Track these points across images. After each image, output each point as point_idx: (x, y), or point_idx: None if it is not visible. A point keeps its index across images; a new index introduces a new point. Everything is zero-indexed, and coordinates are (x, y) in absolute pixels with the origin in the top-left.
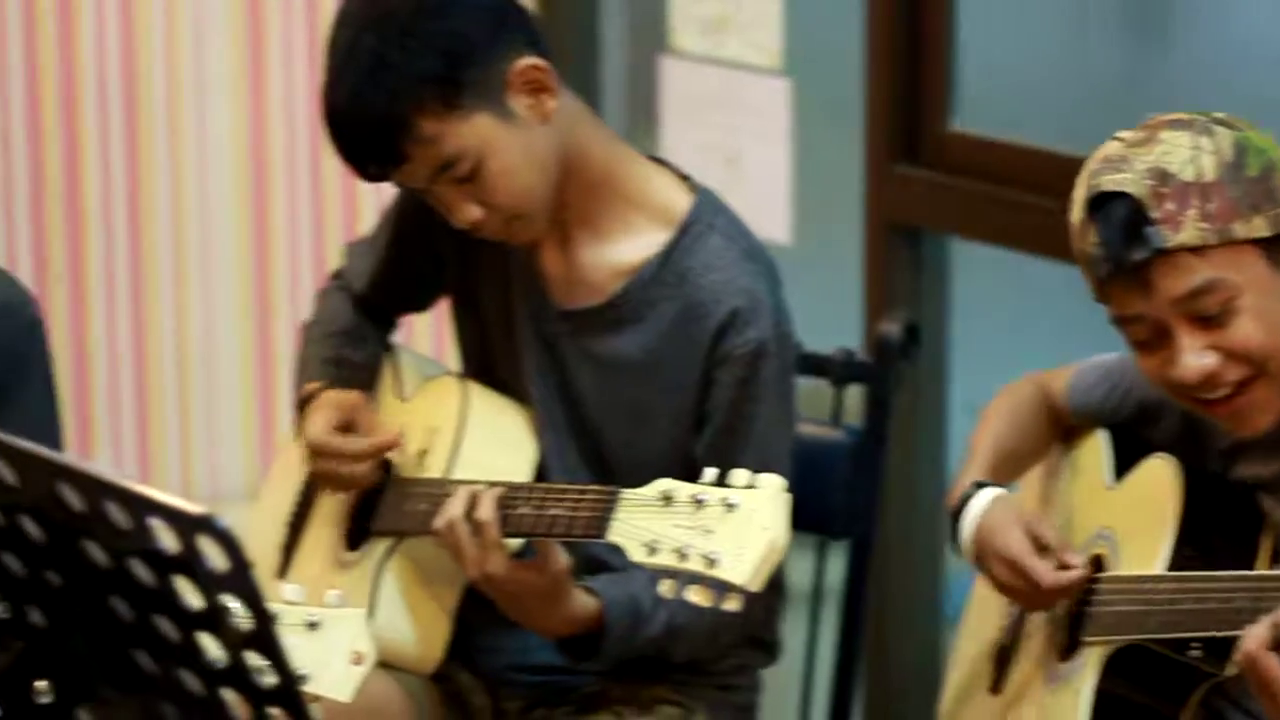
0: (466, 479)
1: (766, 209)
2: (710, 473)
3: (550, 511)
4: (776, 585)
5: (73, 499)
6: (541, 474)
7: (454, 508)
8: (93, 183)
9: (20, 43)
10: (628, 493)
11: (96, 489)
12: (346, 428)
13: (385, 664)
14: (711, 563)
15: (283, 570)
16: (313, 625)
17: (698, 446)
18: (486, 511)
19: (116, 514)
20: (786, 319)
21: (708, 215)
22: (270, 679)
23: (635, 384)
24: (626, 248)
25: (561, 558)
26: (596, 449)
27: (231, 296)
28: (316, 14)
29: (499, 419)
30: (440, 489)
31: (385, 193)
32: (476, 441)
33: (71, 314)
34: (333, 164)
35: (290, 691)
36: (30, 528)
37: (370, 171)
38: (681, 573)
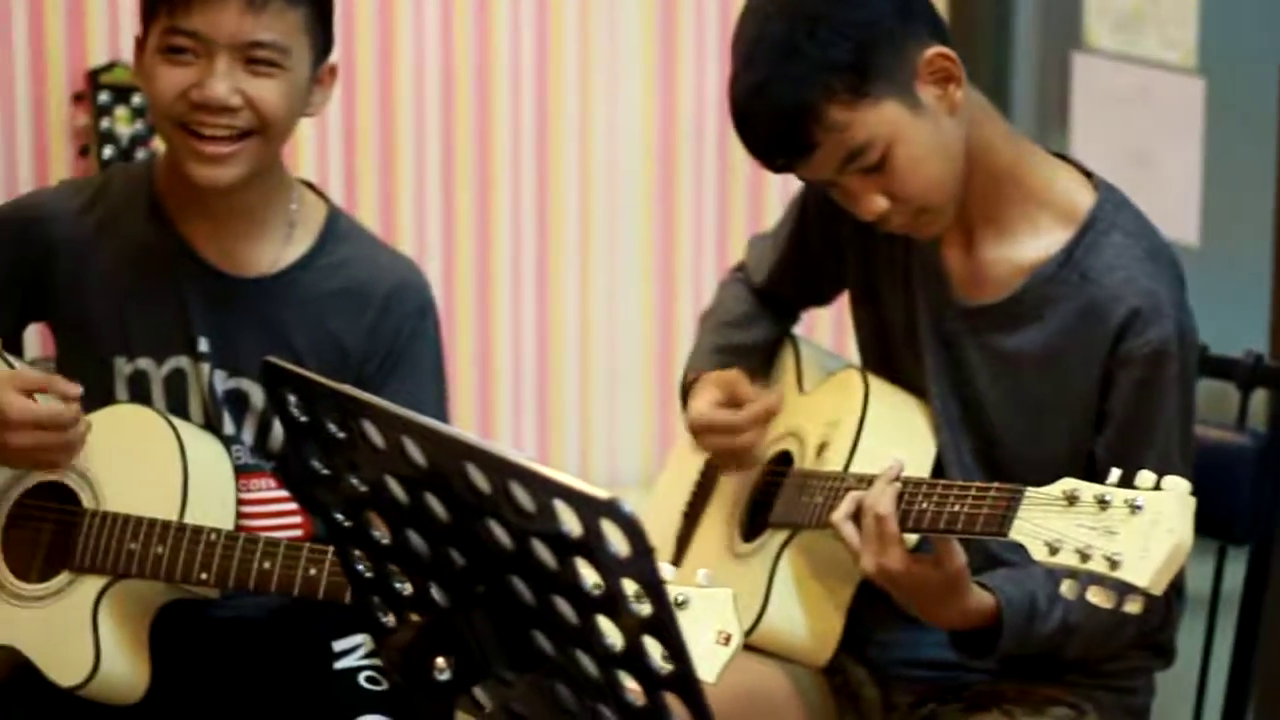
0: (865, 474)
1: (1176, 210)
2: (1115, 473)
3: (951, 508)
4: (1177, 588)
5: (480, 480)
6: (937, 471)
7: (852, 502)
8: (503, 172)
9: (436, 36)
10: (1031, 491)
11: (504, 470)
12: (730, 403)
13: (776, 655)
14: (1114, 564)
15: (677, 558)
16: (681, 603)
17: (1097, 446)
18: (885, 505)
19: (522, 495)
20: (1189, 319)
21: (1110, 213)
22: (666, 665)
23: (1034, 382)
24: (1029, 244)
25: (960, 555)
26: (992, 447)
27: (635, 286)
28: (728, 5)
29: (899, 414)
30: (838, 482)
31: (791, 186)
32: (876, 436)
33: (478, 301)
34: (740, 157)
35: (686, 678)
36: (436, 507)
37: (778, 162)
38: (1083, 573)
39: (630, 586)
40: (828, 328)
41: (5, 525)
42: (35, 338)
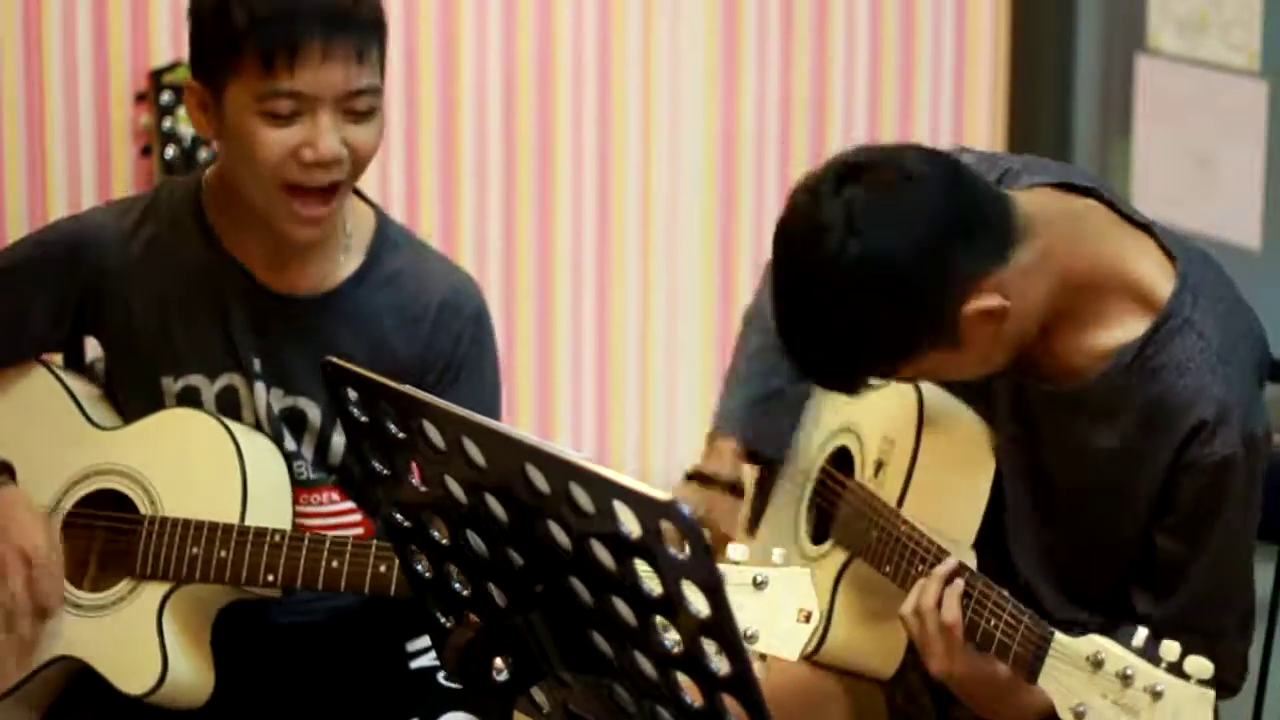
0: (915, 520)
1: (1238, 213)
2: (1141, 634)
3: (987, 623)
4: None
5: (540, 481)
6: (993, 510)
7: (921, 600)
8: (564, 173)
9: (499, 38)
10: (1059, 641)
11: (564, 471)
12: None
13: (841, 670)
14: None
15: (753, 526)
16: (760, 584)
17: (1158, 535)
18: (952, 614)
19: (582, 496)
20: (1258, 423)
21: (1188, 307)
22: (725, 666)
23: (1103, 470)
24: (1102, 336)
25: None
26: (1059, 531)
27: (695, 287)
28: (791, 5)
29: (953, 445)
30: (893, 523)
31: None
32: (931, 472)
33: (538, 301)
34: (801, 158)
35: (744, 680)
36: (495, 507)
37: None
38: None
39: (690, 589)
40: None
41: (61, 532)
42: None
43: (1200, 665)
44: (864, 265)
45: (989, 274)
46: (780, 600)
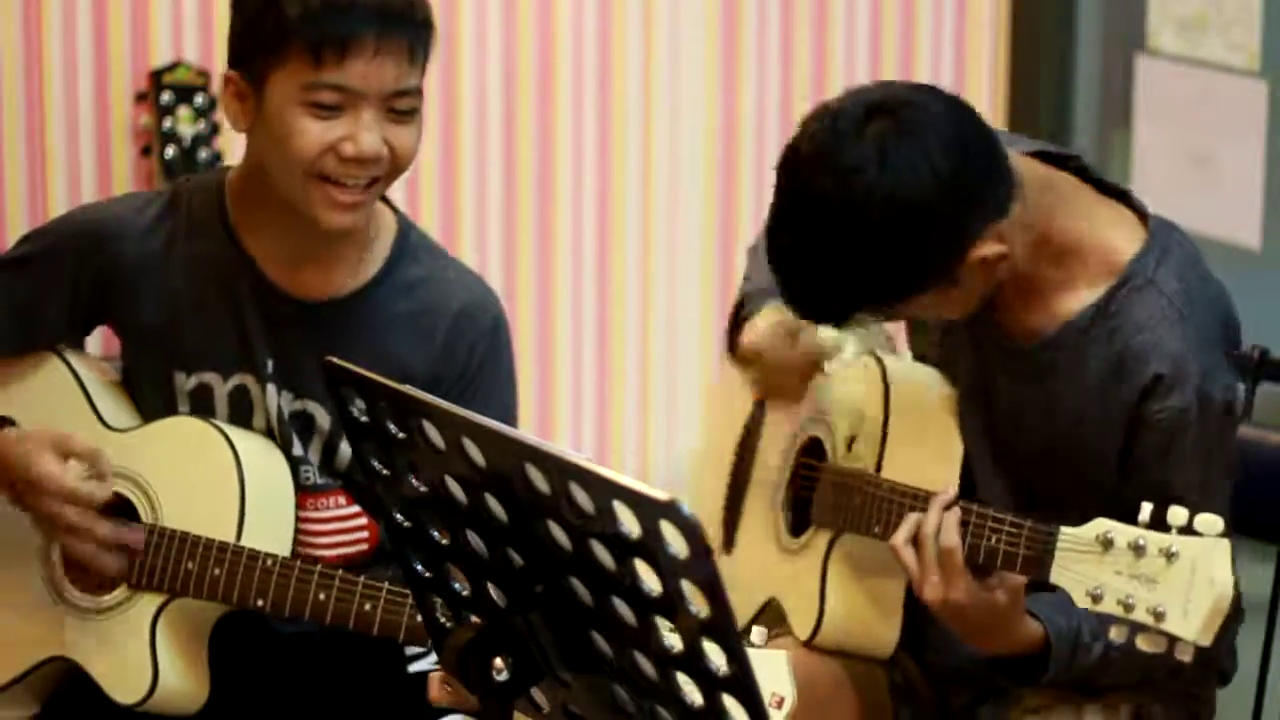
0: (904, 485)
1: (1237, 213)
2: (1146, 509)
3: (989, 541)
4: (1235, 609)
5: (540, 481)
6: (964, 478)
7: (911, 526)
8: (564, 172)
9: (499, 36)
10: (1065, 532)
11: (564, 471)
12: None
13: (839, 652)
14: (1159, 616)
15: (727, 544)
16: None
17: (1124, 489)
18: (952, 537)
19: (581, 497)
20: (1217, 386)
21: (1150, 267)
22: (724, 667)
23: (1063, 429)
24: (1065, 297)
25: (1015, 579)
26: (1025, 486)
27: (696, 287)
28: (791, 3)
29: (922, 410)
30: (874, 486)
31: None
32: (902, 438)
33: (538, 300)
34: None
35: (744, 680)
36: (495, 507)
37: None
38: (1129, 622)
39: (689, 588)
40: None
41: None
42: (97, 340)
43: (1210, 522)
44: (892, 204)
45: (997, 221)
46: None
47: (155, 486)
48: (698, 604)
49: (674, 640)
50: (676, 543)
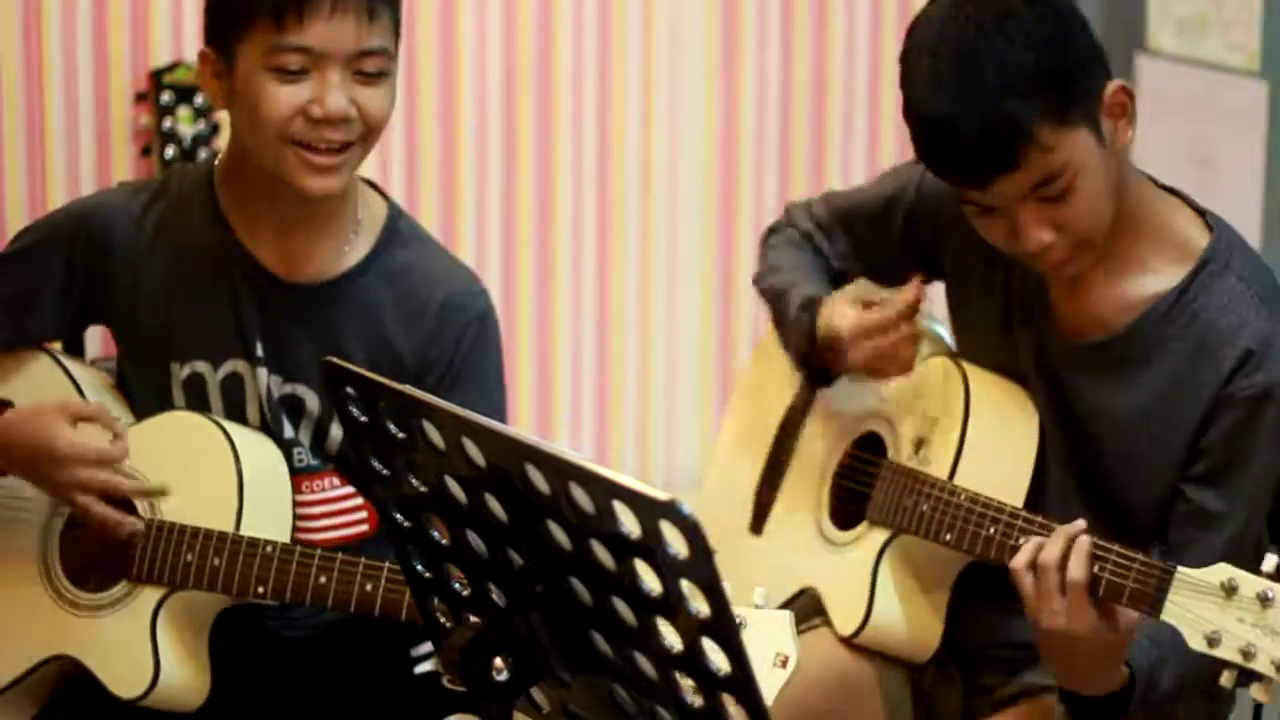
0: (969, 488)
1: (1238, 213)
2: (1271, 560)
3: (1097, 569)
4: None
5: (540, 481)
6: (1035, 489)
7: (1032, 551)
8: (564, 172)
9: (499, 36)
10: (1183, 572)
11: (564, 471)
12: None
13: (876, 650)
14: None
15: (757, 525)
16: (738, 625)
17: (1184, 481)
18: (1081, 573)
19: (581, 497)
20: None
21: (1225, 253)
22: (725, 666)
23: (1142, 422)
24: (1140, 282)
25: (1129, 613)
26: (1096, 481)
27: (695, 287)
28: (791, 5)
29: (1003, 419)
30: (949, 495)
31: (853, 179)
32: (980, 448)
33: (537, 300)
34: (800, 160)
35: (745, 680)
36: (495, 507)
37: (976, 176)
38: (1244, 670)
39: (690, 588)
40: None
41: (62, 530)
42: (96, 338)
43: None
44: (1058, 9)
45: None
46: (757, 643)
47: (152, 481)
48: (698, 604)
49: (675, 640)
50: (676, 543)
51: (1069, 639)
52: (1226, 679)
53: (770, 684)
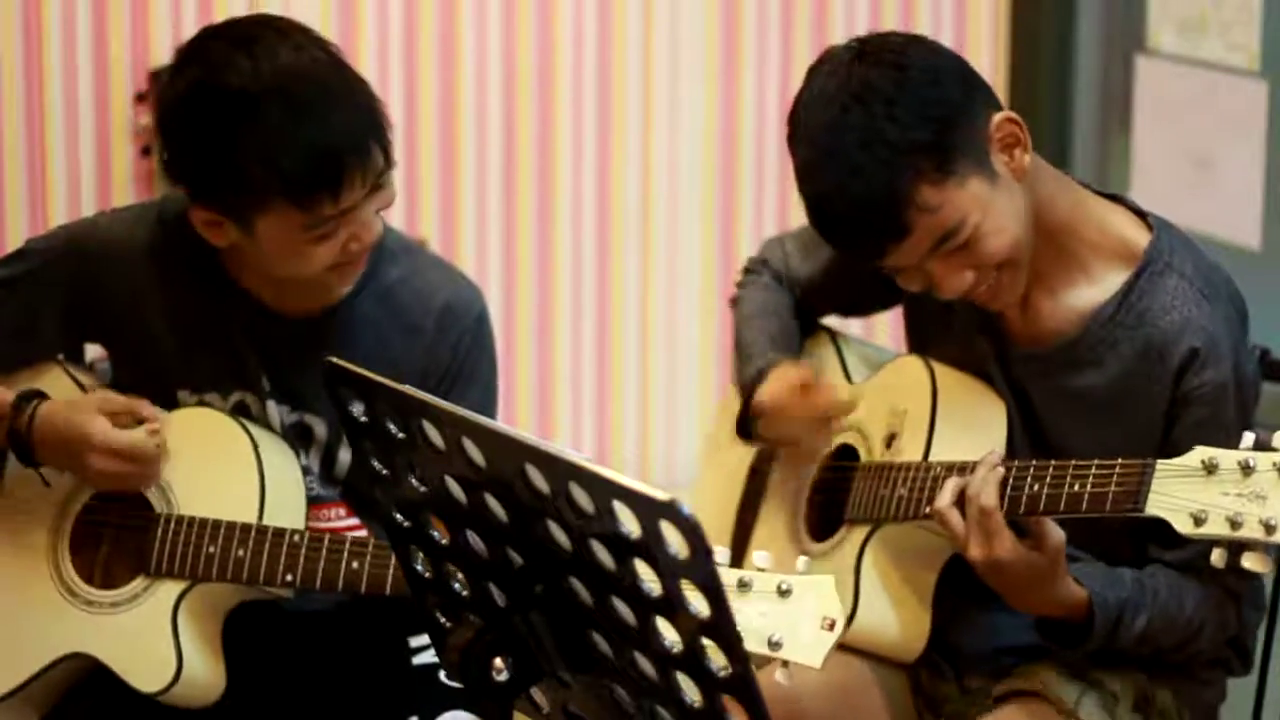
0: (952, 461)
1: (1238, 213)
2: (1249, 437)
3: (1071, 488)
4: (1260, 592)
5: (540, 481)
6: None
7: (955, 489)
8: (564, 175)
9: (499, 37)
10: (1163, 463)
11: (564, 471)
12: (804, 392)
13: (867, 653)
14: (1271, 529)
15: (737, 558)
16: (784, 592)
17: None
18: (990, 498)
19: (581, 497)
20: (1245, 362)
21: (1166, 254)
22: (725, 666)
23: (1101, 422)
24: (1085, 290)
25: (1057, 532)
26: None
27: (694, 288)
28: (790, 7)
29: (969, 399)
30: (923, 472)
31: None
32: (951, 423)
33: (538, 302)
34: None
35: (744, 680)
36: (495, 507)
37: (866, 250)
38: (1234, 541)
39: (689, 589)
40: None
41: (71, 529)
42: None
43: None
44: (919, 71)
45: (999, 110)
46: (804, 608)
47: (169, 477)
48: (698, 604)
49: (674, 640)
50: (676, 543)
51: (998, 566)
52: (1217, 558)
53: (819, 646)
